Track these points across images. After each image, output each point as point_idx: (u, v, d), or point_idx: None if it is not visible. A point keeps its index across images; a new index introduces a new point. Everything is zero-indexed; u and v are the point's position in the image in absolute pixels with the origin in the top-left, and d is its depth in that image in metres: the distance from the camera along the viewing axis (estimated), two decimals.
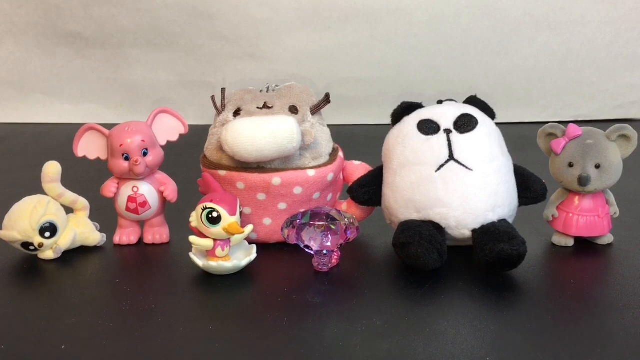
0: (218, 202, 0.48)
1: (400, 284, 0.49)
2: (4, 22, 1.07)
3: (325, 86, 1.05)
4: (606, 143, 0.52)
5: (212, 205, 0.48)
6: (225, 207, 0.48)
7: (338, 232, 0.49)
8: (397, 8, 1.03)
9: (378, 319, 0.43)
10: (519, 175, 0.53)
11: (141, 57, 1.08)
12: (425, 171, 0.51)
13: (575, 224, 0.54)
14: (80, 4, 1.05)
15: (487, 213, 0.50)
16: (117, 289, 0.49)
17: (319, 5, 1.04)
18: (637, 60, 1.06)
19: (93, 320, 0.43)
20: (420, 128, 0.53)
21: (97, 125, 0.55)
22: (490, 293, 0.47)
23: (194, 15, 1.05)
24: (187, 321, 0.43)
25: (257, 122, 0.50)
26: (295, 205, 0.53)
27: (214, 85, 1.07)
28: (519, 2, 1.03)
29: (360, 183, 0.55)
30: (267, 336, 0.41)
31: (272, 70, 1.07)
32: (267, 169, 0.52)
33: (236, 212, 0.49)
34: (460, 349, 0.39)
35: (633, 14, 1.03)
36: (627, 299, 0.45)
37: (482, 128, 0.53)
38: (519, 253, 0.47)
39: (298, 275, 0.50)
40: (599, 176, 0.51)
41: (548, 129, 0.54)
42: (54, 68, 1.10)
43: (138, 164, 0.52)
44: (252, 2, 1.04)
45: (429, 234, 0.48)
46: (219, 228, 0.48)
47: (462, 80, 1.06)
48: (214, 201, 0.48)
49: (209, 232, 0.48)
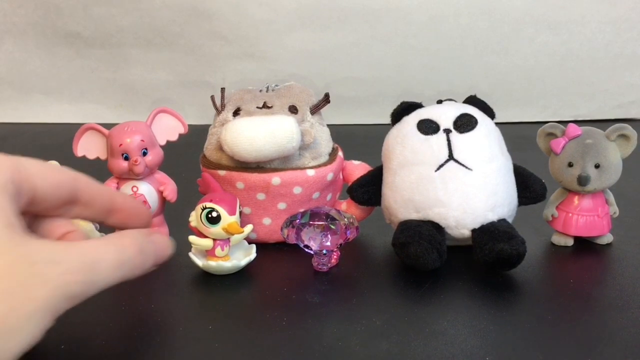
0: (217, 201, 0.48)
1: (399, 283, 0.49)
2: (3, 21, 1.06)
3: (325, 86, 1.05)
4: (606, 143, 0.52)
5: (212, 205, 0.48)
6: (224, 206, 0.48)
7: (337, 231, 0.49)
8: (397, 8, 1.03)
9: (377, 318, 0.43)
10: (518, 175, 0.53)
11: (141, 57, 1.08)
12: (424, 171, 0.51)
13: (575, 224, 0.54)
14: (79, 4, 1.05)
15: (486, 213, 0.50)
16: (116, 288, 0.48)
17: (318, 5, 1.03)
18: (636, 60, 1.06)
19: (92, 320, 0.43)
20: (419, 128, 0.53)
21: (96, 125, 0.55)
22: (489, 293, 0.47)
23: (194, 15, 1.05)
24: (186, 321, 0.43)
25: (256, 122, 0.50)
26: (295, 205, 0.53)
27: (214, 85, 1.07)
28: (518, 2, 1.03)
29: (359, 183, 0.55)
30: (266, 336, 0.41)
31: (272, 70, 1.07)
32: (266, 169, 0.52)
33: (235, 211, 0.49)
34: (460, 349, 0.39)
35: (633, 14, 1.03)
36: (627, 298, 0.45)
37: (482, 128, 0.53)
38: (519, 253, 0.47)
39: (297, 274, 0.50)
40: (598, 176, 0.51)
41: (547, 129, 0.54)
42: (53, 68, 1.09)
43: (137, 163, 0.52)
44: (252, 2, 1.04)
45: (429, 234, 0.48)
46: (218, 228, 0.48)
47: (461, 80, 1.06)
48: (214, 201, 0.48)
49: (209, 232, 0.48)
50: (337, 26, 1.05)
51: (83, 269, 0.32)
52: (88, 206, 0.40)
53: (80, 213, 0.40)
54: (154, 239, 0.39)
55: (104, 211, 0.41)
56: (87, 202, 0.40)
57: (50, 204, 0.38)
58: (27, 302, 0.29)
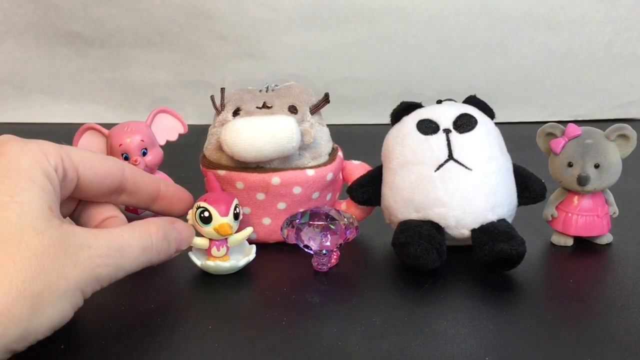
0: (211, 202, 0.48)
1: (399, 283, 0.49)
2: (3, 21, 1.06)
3: (325, 86, 1.05)
4: (605, 143, 0.52)
5: (205, 205, 0.48)
6: (217, 207, 0.48)
7: (337, 231, 0.49)
8: (397, 8, 1.03)
9: (377, 318, 0.43)
10: (518, 174, 0.53)
11: (140, 57, 1.08)
12: (424, 171, 0.51)
13: (575, 224, 0.54)
14: (79, 4, 1.05)
15: (486, 213, 0.50)
16: (116, 288, 0.48)
17: (318, 5, 1.03)
18: (636, 59, 1.06)
19: (92, 320, 0.43)
20: (419, 128, 0.53)
21: (96, 125, 0.55)
22: (489, 293, 0.47)
23: (194, 15, 1.05)
24: (186, 321, 0.43)
25: (256, 122, 0.50)
26: (295, 205, 0.53)
27: (214, 85, 1.07)
28: (518, 2, 1.03)
29: (359, 183, 0.55)
30: (266, 336, 0.41)
31: (272, 70, 1.07)
32: (266, 169, 0.52)
33: (228, 213, 0.48)
34: (460, 349, 0.39)
35: (632, 14, 1.03)
36: (627, 298, 0.45)
37: (482, 128, 0.53)
38: (518, 252, 0.47)
39: (297, 274, 0.50)
40: (598, 176, 0.51)
41: (547, 129, 0.54)
42: (53, 68, 1.09)
43: (137, 163, 0.52)
44: (251, 2, 1.04)
45: (428, 234, 0.48)
46: (210, 228, 0.48)
47: (461, 80, 1.06)
48: (207, 200, 0.49)
49: (203, 231, 0.49)
50: (337, 26, 1.05)
51: (111, 253, 0.35)
52: (134, 194, 0.43)
53: (126, 200, 0.43)
54: (177, 226, 0.42)
55: (149, 199, 0.44)
56: (133, 191, 0.43)
57: (96, 192, 0.40)
58: (60, 280, 0.32)
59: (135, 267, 0.38)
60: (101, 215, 0.42)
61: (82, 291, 0.34)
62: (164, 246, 0.40)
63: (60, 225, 0.33)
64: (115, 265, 0.36)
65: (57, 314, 0.33)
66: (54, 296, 0.32)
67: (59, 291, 0.32)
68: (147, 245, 0.38)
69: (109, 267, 0.35)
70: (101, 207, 0.42)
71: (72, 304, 0.33)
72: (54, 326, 0.33)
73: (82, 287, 0.34)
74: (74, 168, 0.38)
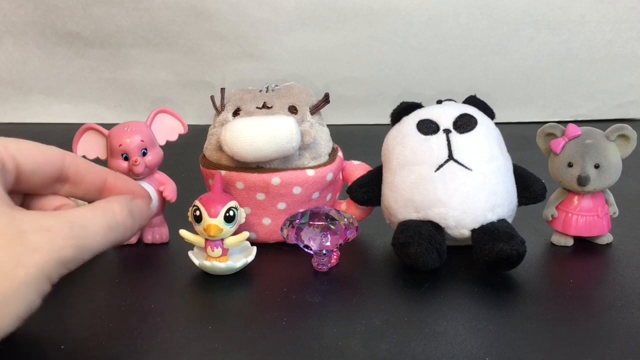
0: (204, 201, 0.49)
1: (399, 283, 0.49)
2: (2, 21, 1.06)
3: (325, 86, 1.05)
4: (605, 143, 0.52)
5: (197, 204, 0.48)
6: (208, 207, 0.48)
7: (337, 232, 0.49)
8: (397, 8, 1.03)
9: (377, 318, 0.43)
10: (518, 175, 0.53)
11: (140, 57, 1.08)
12: (424, 171, 0.51)
13: (575, 224, 0.54)
14: (79, 4, 1.05)
15: (486, 213, 0.50)
16: (116, 288, 0.48)
17: (318, 5, 1.04)
18: (636, 59, 1.06)
19: (92, 320, 0.43)
20: (419, 128, 0.53)
21: (96, 125, 0.55)
22: (489, 293, 0.47)
23: (193, 15, 1.05)
24: (186, 321, 0.43)
25: (256, 122, 0.50)
26: (295, 205, 0.53)
27: (213, 85, 1.07)
28: (518, 2, 1.03)
29: (359, 183, 0.55)
30: (266, 336, 0.41)
31: (272, 70, 1.07)
32: (266, 169, 0.52)
33: (218, 214, 0.48)
34: (460, 349, 0.39)
35: (632, 14, 1.03)
36: (627, 298, 0.45)
37: (482, 128, 0.53)
38: (518, 253, 0.47)
39: (297, 275, 0.50)
40: (598, 176, 0.51)
41: (547, 129, 0.54)
42: (53, 68, 1.09)
43: (137, 164, 0.52)
44: (251, 2, 1.04)
45: (428, 234, 0.48)
46: (200, 227, 0.48)
47: (461, 80, 1.06)
48: (201, 200, 0.49)
49: (197, 229, 0.49)
50: (337, 26, 1.05)
51: (73, 234, 0.33)
52: (77, 184, 0.41)
53: (71, 191, 0.41)
54: (137, 202, 0.40)
55: (95, 190, 0.41)
56: (76, 180, 0.40)
57: (38, 182, 0.38)
58: (19, 269, 0.30)
59: (102, 247, 0.35)
60: (51, 205, 0.40)
61: (48, 277, 0.32)
62: (130, 223, 0.38)
63: (10, 212, 0.32)
64: (80, 245, 0.34)
65: (22, 304, 0.31)
66: (14, 287, 0.30)
67: (20, 281, 0.30)
68: (113, 223, 0.36)
69: (73, 247, 0.33)
70: (49, 198, 0.40)
71: (37, 292, 0.31)
72: (21, 316, 0.31)
73: (47, 272, 0.31)
74: (12, 157, 0.36)
